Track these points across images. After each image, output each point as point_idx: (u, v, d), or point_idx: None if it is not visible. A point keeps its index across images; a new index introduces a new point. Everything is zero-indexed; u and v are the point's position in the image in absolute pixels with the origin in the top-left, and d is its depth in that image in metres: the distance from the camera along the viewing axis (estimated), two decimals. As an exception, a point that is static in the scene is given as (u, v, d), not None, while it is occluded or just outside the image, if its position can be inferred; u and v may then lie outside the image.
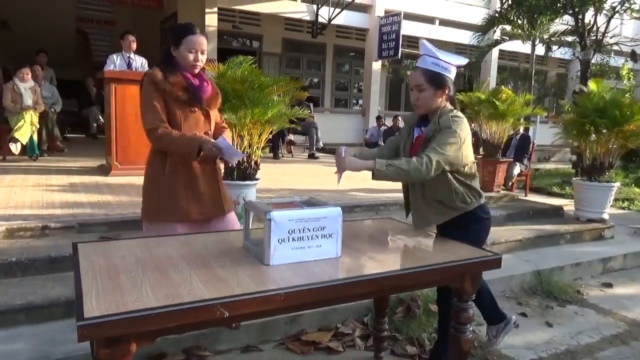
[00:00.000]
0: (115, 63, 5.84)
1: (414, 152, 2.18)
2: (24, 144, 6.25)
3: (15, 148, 6.12)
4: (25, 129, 6.21)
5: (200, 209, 2.28)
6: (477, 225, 2.24)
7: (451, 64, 2.14)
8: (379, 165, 1.97)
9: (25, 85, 6.51)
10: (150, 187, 2.31)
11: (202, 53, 2.24)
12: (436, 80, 2.11)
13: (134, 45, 6.00)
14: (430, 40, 2.36)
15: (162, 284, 1.47)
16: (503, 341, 2.90)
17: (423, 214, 2.20)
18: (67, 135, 9.56)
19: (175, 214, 2.25)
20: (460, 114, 2.15)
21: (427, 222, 2.19)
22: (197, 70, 2.28)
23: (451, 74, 2.15)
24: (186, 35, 2.20)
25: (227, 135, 2.50)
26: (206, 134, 2.33)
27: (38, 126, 6.52)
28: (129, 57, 5.95)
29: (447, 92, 2.15)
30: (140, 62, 6.03)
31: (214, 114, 2.43)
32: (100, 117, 9.46)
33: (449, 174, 2.12)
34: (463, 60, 2.23)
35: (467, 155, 2.14)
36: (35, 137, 6.44)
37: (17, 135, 6.12)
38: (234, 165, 2.23)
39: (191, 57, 2.21)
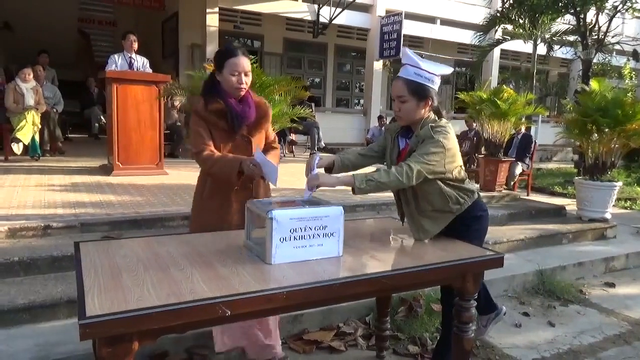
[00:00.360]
0: (116, 63, 5.85)
1: None
2: (26, 144, 6.26)
3: (17, 148, 6.13)
4: (27, 129, 6.22)
5: None
6: (477, 225, 2.22)
7: (435, 74, 2.06)
8: (358, 182, 1.92)
9: (27, 85, 6.53)
10: (192, 207, 2.43)
11: (246, 75, 2.19)
12: (419, 91, 2.04)
13: (136, 46, 6.01)
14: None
15: (163, 282, 1.47)
16: (506, 341, 2.91)
17: (423, 228, 2.15)
18: (69, 135, 9.59)
19: None
20: (443, 123, 2.09)
21: (427, 235, 2.15)
22: (242, 93, 2.22)
23: (435, 85, 2.08)
24: (228, 58, 2.15)
25: (273, 155, 2.35)
26: (255, 165, 2.22)
27: (40, 126, 6.53)
28: (130, 57, 5.95)
29: (430, 103, 2.08)
30: (141, 62, 6.04)
31: (259, 139, 2.34)
32: (102, 117, 9.47)
33: (439, 182, 2.08)
34: (447, 70, 2.15)
35: (454, 162, 2.09)
36: (37, 137, 6.46)
37: (19, 135, 6.13)
38: (274, 185, 2.09)
39: (234, 79, 2.15)
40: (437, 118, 2.12)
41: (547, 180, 8.80)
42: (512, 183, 6.82)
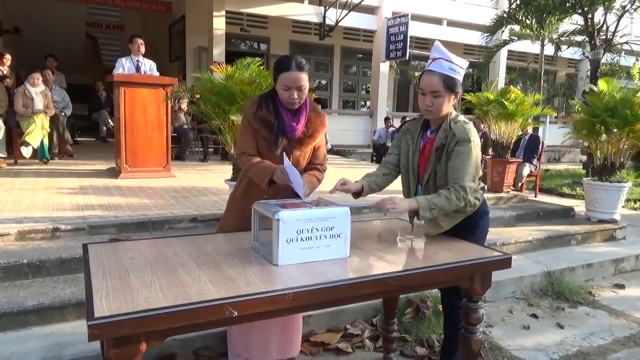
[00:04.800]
0: (124, 66, 5.89)
1: (423, 162, 2.17)
2: (35, 147, 6.31)
3: (26, 152, 6.19)
4: (36, 133, 6.28)
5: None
6: (483, 222, 2.25)
7: (463, 68, 2.10)
8: (423, 211, 1.98)
9: (36, 89, 6.59)
10: (226, 207, 2.46)
11: (300, 89, 2.12)
12: (451, 85, 2.06)
13: (143, 49, 6.05)
14: (438, 41, 2.30)
15: (171, 284, 1.47)
16: (514, 342, 2.89)
17: (437, 224, 2.14)
18: (77, 138, 9.67)
19: None
20: (464, 118, 2.13)
21: (439, 231, 2.15)
22: (296, 107, 2.18)
23: (461, 78, 2.11)
24: (280, 72, 2.11)
25: (310, 175, 2.25)
26: (282, 172, 2.15)
27: (49, 130, 6.59)
28: (137, 60, 6.00)
29: (457, 96, 2.12)
30: (148, 66, 6.08)
31: (302, 155, 2.28)
32: (110, 121, 9.55)
33: None
34: (466, 62, 2.19)
35: (478, 158, 2.13)
36: (46, 141, 6.51)
37: (28, 139, 6.18)
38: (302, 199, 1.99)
39: (286, 94, 2.12)
40: (457, 113, 2.17)
41: (555, 181, 8.75)
42: (519, 184, 6.78)
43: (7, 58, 7.20)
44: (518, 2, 9.61)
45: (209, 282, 1.50)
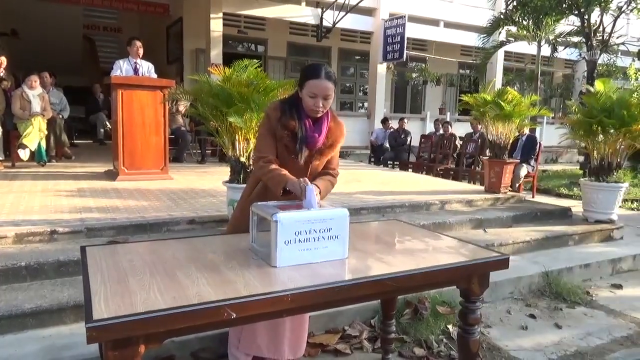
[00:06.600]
0: (122, 69, 5.89)
1: None
2: (33, 150, 6.30)
3: (24, 154, 6.18)
4: (34, 136, 6.27)
5: None
6: None
7: None
8: None
9: (34, 92, 6.58)
10: (235, 207, 2.43)
11: (326, 98, 2.12)
12: None
13: (141, 51, 6.05)
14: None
15: (170, 286, 1.48)
16: (512, 343, 2.90)
17: None
18: (75, 141, 9.66)
19: None
20: None
21: None
22: (319, 115, 2.17)
23: None
24: (309, 79, 2.09)
25: (324, 179, 2.23)
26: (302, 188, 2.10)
27: (46, 132, 6.58)
28: (135, 62, 5.99)
29: None
30: (146, 68, 6.08)
31: (319, 165, 2.28)
32: (107, 123, 9.54)
33: None
34: None
35: None
36: (43, 144, 6.50)
37: (25, 141, 6.17)
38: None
39: (311, 102, 2.11)
40: None
41: (553, 181, 8.77)
42: (517, 185, 6.80)
43: (2, 60, 7.19)
44: (515, 3, 9.64)
45: (207, 284, 1.50)
